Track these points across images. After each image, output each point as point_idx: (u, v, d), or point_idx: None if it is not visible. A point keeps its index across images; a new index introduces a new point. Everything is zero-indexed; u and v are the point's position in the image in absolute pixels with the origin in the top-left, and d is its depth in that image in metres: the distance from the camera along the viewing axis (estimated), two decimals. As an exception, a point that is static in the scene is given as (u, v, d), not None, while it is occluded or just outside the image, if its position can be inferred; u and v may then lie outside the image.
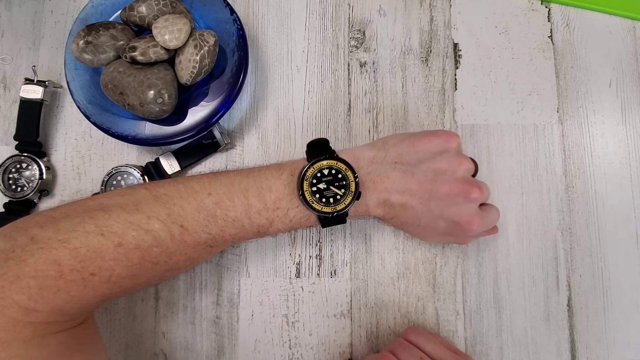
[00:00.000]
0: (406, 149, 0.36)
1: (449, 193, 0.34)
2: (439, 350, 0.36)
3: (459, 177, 0.35)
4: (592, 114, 0.43)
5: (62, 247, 0.29)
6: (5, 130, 0.44)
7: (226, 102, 0.39)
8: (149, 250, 0.31)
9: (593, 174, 0.42)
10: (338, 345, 0.40)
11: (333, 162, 0.34)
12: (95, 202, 0.32)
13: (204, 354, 0.40)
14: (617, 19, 0.45)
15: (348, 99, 0.44)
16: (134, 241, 0.30)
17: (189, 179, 0.35)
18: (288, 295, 0.41)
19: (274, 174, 0.35)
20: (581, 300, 0.40)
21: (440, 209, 0.35)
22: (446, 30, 0.45)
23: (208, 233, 0.33)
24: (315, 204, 0.33)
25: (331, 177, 0.34)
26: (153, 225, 0.31)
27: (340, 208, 0.34)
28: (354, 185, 0.34)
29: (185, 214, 0.32)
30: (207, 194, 0.33)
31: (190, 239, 0.32)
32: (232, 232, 0.34)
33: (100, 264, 0.30)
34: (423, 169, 0.35)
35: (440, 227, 0.36)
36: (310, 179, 0.34)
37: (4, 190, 0.41)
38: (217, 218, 0.33)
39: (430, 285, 0.41)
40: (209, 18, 0.40)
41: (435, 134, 0.36)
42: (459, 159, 0.35)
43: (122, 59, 0.37)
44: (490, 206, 0.37)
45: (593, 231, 0.41)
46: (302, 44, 0.45)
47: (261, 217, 0.34)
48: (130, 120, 0.39)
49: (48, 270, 0.28)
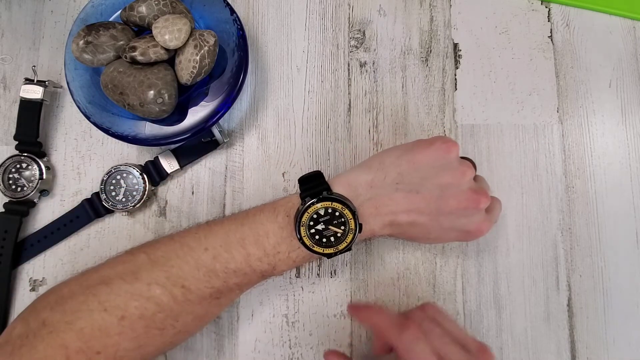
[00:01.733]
0: (406, 166, 0.34)
1: (458, 206, 0.34)
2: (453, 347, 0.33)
3: (465, 188, 0.34)
4: (592, 114, 0.43)
5: (69, 330, 0.30)
6: (5, 130, 0.44)
7: (226, 102, 0.39)
8: (153, 317, 0.31)
9: (593, 174, 0.42)
10: (338, 345, 0.40)
11: (328, 204, 0.32)
12: (98, 274, 0.33)
13: (204, 354, 0.40)
14: (617, 19, 0.45)
15: (348, 99, 0.44)
16: (137, 311, 0.31)
17: (184, 235, 0.35)
18: (288, 295, 0.41)
19: (269, 218, 0.34)
20: (581, 300, 0.40)
21: (451, 222, 0.34)
22: (446, 30, 0.45)
23: (211, 287, 0.33)
24: (316, 248, 0.33)
25: (328, 217, 0.33)
26: (154, 291, 0.31)
27: (342, 247, 0.33)
28: (353, 222, 0.33)
29: (185, 274, 0.32)
30: (203, 249, 0.33)
31: (193, 297, 0.32)
32: (236, 281, 0.33)
33: (106, 341, 0.30)
34: (428, 186, 0.34)
35: (451, 237, 0.36)
36: (306, 223, 0.32)
37: (4, 190, 0.41)
38: (218, 272, 0.33)
39: (430, 285, 0.41)
40: (209, 18, 0.40)
41: (432, 145, 0.35)
42: (461, 170, 0.34)
43: (122, 59, 0.37)
44: (494, 202, 0.37)
45: (593, 231, 0.41)
46: (302, 44, 0.45)
47: (262, 263, 0.33)
48: (130, 120, 0.39)
49: (56, 355, 0.29)
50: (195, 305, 0.33)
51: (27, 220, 0.42)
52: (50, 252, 0.42)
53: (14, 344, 0.30)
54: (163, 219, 0.42)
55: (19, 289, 0.41)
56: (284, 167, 0.43)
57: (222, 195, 0.42)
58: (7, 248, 0.40)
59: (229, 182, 0.42)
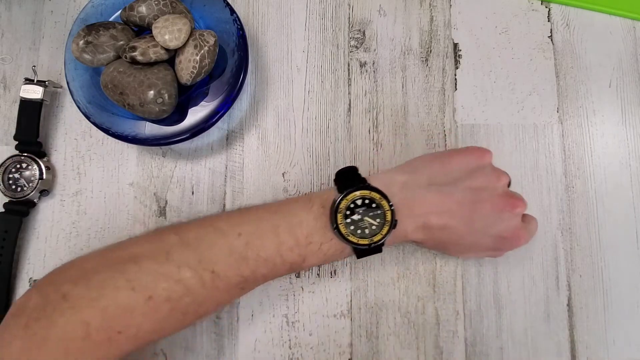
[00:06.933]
0: (439, 169, 0.34)
1: (493, 209, 0.33)
2: None
3: (500, 192, 0.34)
4: (592, 114, 0.43)
5: (92, 306, 0.29)
6: (5, 130, 0.44)
7: (226, 102, 0.39)
8: (179, 301, 0.31)
9: (593, 174, 0.42)
10: (338, 345, 0.40)
11: (366, 192, 0.32)
12: (126, 251, 0.32)
13: (204, 354, 0.40)
14: (617, 19, 0.45)
15: (348, 99, 0.44)
16: (164, 293, 0.30)
17: (215, 219, 0.34)
18: (288, 295, 0.41)
19: (304, 208, 0.34)
20: (581, 300, 0.40)
21: (485, 227, 0.34)
22: (446, 30, 0.45)
23: (240, 275, 0.32)
24: (350, 237, 0.32)
25: (365, 207, 0.33)
26: (184, 274, 0.30)
27: (377, 239, 0.33)
28: (390, 214, 0.32)
29: (216, 258, 0.31)
30: (236, 234, 0.32)
31: (222, 284, 0.32)
32: (264, 272, 0.33)
33: (129, 321, 0.29)
34: (461, 188, 0.34)
35: (486, 244, 0.35)
36: (344, 211, 0.32)
37: (4, 190, 0.41)
38: (249, 259, 0.32)
39: (430, 285, 0.41)
40: (209, 18, 0.40)
41: (467, 152, 0.35)
42: (496, 174, 0.35)
43: (122, 59, 0.37)
44: (529, 217, 0.37)
45: (593, 231, 0.41)
46: (302, 44, 0.45)
47: (293, 253, 0.33)
48: (130, 120, 0.39)
49: (76, 332, 0.28)
50: (221, 293, 0.32)
51: (27, 220, 0.42)
52: (51, 252, 0.42)
53: (29, 316, 0.29)
54: (163, 219, 0.42)
55: (19, 289, 0.41)
56: (284, 167, 0.43)
57: (222, 195, 0.42)
58: (7, 248, 0.40)
59: (229, 182, 0.42)
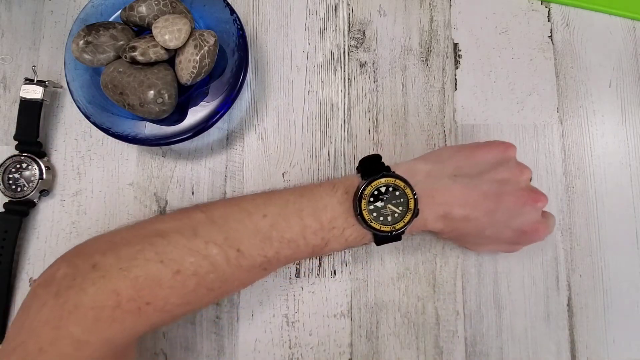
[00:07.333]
0: (464, 160, 0.35)
1: (516, 202, 0.34)
2: None
3: (523, 186, 0.35)
4: (592, 114, 0.43)
5: (123, 277, 0.29)
6: (5, 130, 0.44)
7: (226, 102, 0.39)
8: (205, 277, 0.31)
9: (593, 174, 0.42)
10: (338, 345, 0.40)
11: (391, 180, 0.33)
12: (153, 227, 0.32)
13: (204, 354, 0.40)
14: (617, 19, 0.45)
15: (348, 99, 0.44)
16: (192, 267, 0.31)
17: (241, 200, 0.35)
18: (288, 295, 0.41)
19: (328, 193, 0.34)
20: (581, 300, 0.40)
21: (507, 219, 0.34)
22: (446, 30, 0.45)
23: (264, 256, 0.33)
24: (373, 223, 0.33)
25: (389, 195, 0.33)
26: (211, 250, 0.31)
27: (399, 227, 0.33)
28: (412, 202, 0.33)
29: (242, 237, 0.32)
30: (262, 215, 0.33)
31: (246, 262, 0.32)
32: (287, 253, 0.33)
33: (158, 292, 0.30)
34: (485, 180, 0.34)
35: (505, 237, 0.36)
36: (368, 197, 0.33)
37: (4, 190, 0.41)
38: (273, 240, 0.33)
39: (430, 285, 0.41)
40: (209, 18, 0.40)
41: (492, 145, 0.36)
42: (520, 168, 0.35)
43: (122, 59, 0.37)
44: (548, 213, 0.37)
45: (593, 231, 0.41)
46: (302, 44, 0.45)
47: (317, 237, 0.33)
48: (130, 120, 0.39)
49: (107, 300, 0.29)
50: (243, 272, 0.33)
51: (27, 220, 0.42)
52: (51, 252, 0.42)
53: (60, 285, 0.29)
54: (163, 219, 0.42)
55: (19, 289, 0.41)
56: (284, 167, 0.43)
57: (222, 195, 0.42)
58: (7, 248, 0.40)
59: (229, 182, 0.42)
